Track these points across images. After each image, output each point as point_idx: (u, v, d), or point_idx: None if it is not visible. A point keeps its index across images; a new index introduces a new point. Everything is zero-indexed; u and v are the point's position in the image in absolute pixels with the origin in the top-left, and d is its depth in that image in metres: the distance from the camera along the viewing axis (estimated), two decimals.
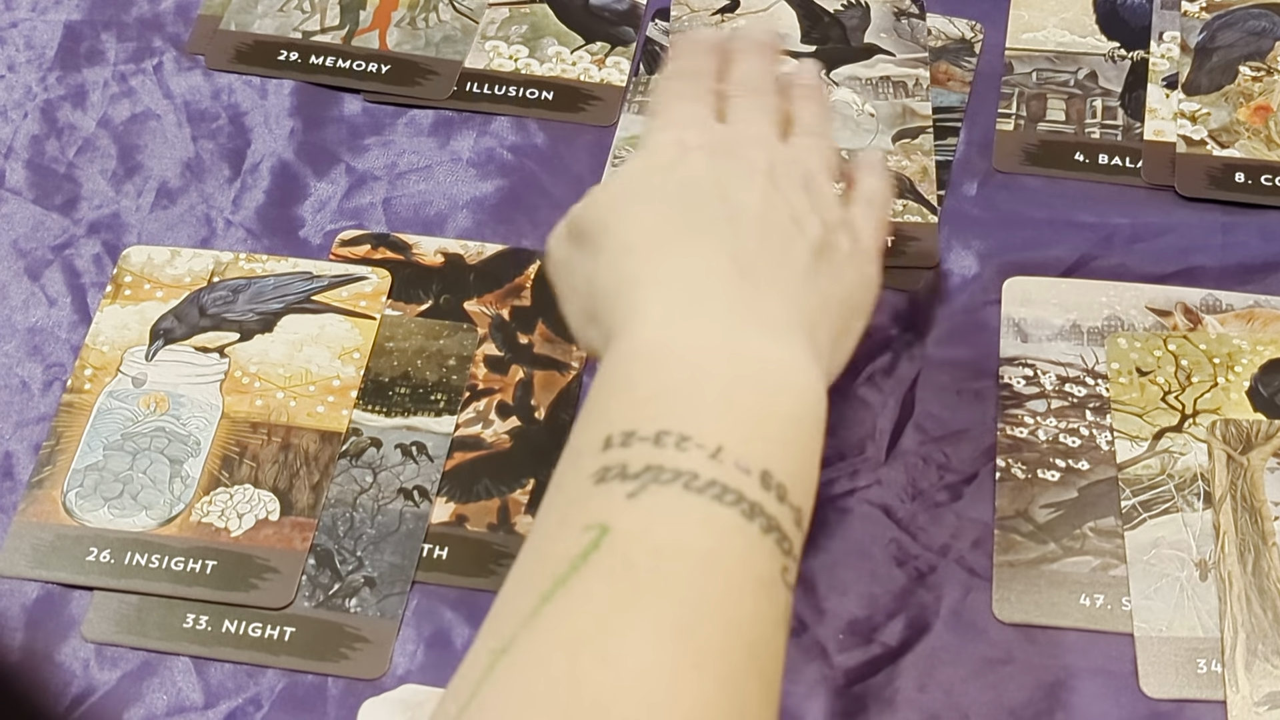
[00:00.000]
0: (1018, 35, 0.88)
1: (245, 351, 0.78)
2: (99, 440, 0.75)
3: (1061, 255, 0.80)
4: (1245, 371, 0.76)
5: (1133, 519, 0.72)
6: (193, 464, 0.75)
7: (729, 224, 0.61)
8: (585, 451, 0.56)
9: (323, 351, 0.78)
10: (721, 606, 0.52)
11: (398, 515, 0.73)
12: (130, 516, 0.73)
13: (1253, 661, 0.68)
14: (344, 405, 0.76)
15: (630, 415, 0.56)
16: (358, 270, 0.80)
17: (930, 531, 0.73)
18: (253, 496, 0.74)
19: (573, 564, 0.52)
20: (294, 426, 0.75)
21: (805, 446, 0.58)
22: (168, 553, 0.72)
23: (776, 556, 0.54)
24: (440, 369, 0.77)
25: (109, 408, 0.76)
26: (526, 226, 0.82)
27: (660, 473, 0.53)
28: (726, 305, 0.59)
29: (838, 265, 0.63)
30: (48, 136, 0.86)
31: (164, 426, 0.76)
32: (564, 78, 0.87)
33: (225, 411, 0.76)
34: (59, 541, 0.73)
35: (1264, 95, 0.85)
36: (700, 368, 0.57)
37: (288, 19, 0.90)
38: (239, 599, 0.71)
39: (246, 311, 0.79)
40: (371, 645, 0.70)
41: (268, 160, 0.85)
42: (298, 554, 0.72)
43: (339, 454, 0.75)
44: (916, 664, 0.69)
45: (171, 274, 0.81)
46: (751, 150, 0.64)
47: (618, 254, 0.61)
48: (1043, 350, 0.77)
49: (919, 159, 0.84)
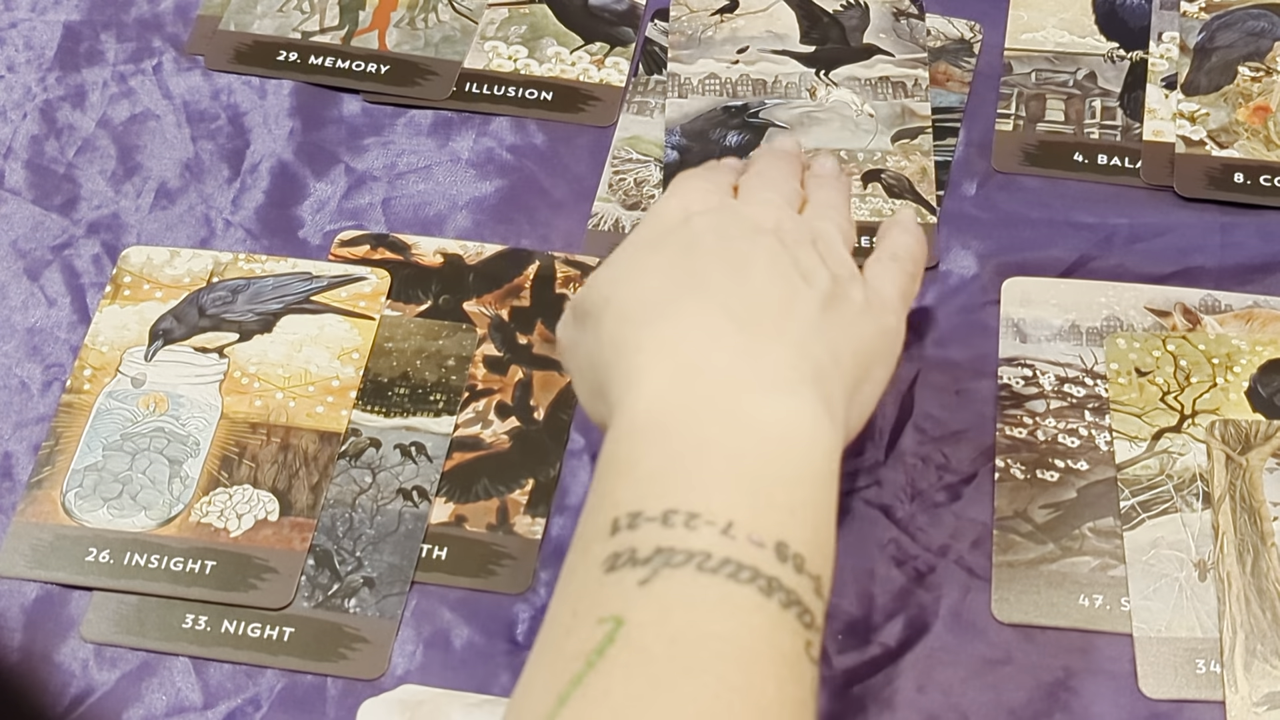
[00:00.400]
0: (1017, 35, 0.88)
1: (244, 352, 0.78)
2: (98, 440, 0.75)
3: (1060, 255, 0.80)
4: (1244, 372, 0.76)
5: (1132, 519, 0.72)
6: (192, 464, 0.75)
7: (730, 278, 0.59)
8: (594, 538, 0.54)
9: (322, 352, 0.78)
10: (745, 693, 0.50)
11: (397, 516, 0.73)
12: (129, 517, 0.73)
13: (1251, 662, 0.68)
14: (343, 405, 0.76)
15: (635, 495, 0.54)
16: (357, 271, 0.80)
17: (929, 532, 0.73)
18: (252, 497, 0.74)
19: (588, 661, 0.50)
20: (293, 427, 0.75)
21: (819, 506, 0.56)
22: (167, 553, 0.72)
23: (799, 632, 0.52)
24: (439, 369, 0.77)
25: (108, 408, 0.76)
26: (526, 227, 0.82)
27: (671, 555, 0.52)
28: (726, 365, 0.57)
29: (850, 317, 0.61)
30: (47, 137, 0.86)
31: (163, 427, 0.76)
32: (563, 78, 0.87)
33: (224, 412, 0.76)
34: (58, 542, 0.73)
35: (1263, 95, 0.85)
36: (703, 438, 0.55)
37: (287, 19, 0.90)
38: (238, 599, 0.71)
39: (246, 312, 0.79)
40: (370, 645, 0.70)
41: (267, 160, 0.85)
42: (297, 554, 0.72)
43: (338, 454, 0.75)
44: (915, 664, 0.69)
45: (171, 274, 0.81)
46: (758, 211, 0.63)
47: (616, 323, 0.59)
48: (1042, 350, 0.77)
49: (918, 159, 0.84)
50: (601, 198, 0.83)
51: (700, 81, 0.87)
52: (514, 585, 0.72)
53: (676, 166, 0.83)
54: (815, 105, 0.86)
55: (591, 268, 0.80)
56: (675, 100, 0.86)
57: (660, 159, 0.84)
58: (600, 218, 0.82)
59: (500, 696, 0.69)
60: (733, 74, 0.87)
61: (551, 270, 0.80)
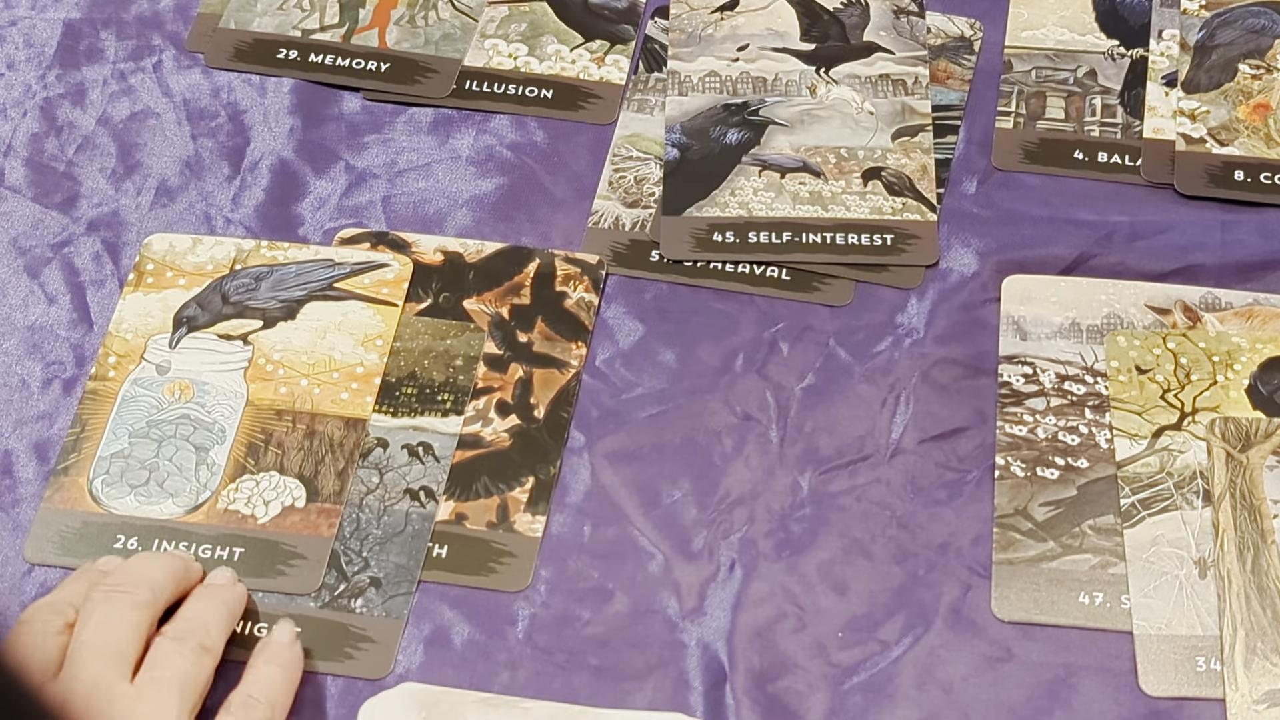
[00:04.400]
0: (1017, 33, 0.88)
1: (269, 339, 0.78)
2: (124, 428, 0.75)
3: (1061, 253, 0.80)
4: (1244, 369, 0.76)
5: (1132, 517, 0.72)
6: (218, 451, 0.75)
7: None
8: None
9: (346, 338, 0.78)
10: None
11: (404, 516, 0.73)
12: (157, 504, 0.73)
13: (1252, 659, 0.68)
14: (368, 392, 0.76)
15: None
16: (379, 257, 0.81)
17: (929, 529, 0.73)
18: (279, 483, 0.74)
19: None
20: (318, 413, 0.76)
21: None
22: (195, 540, 0.72)
23: None
24: (447, 369, 0.77)
25: (133, 395, 0.76)
26: (526, 224, 0.82)
27: None
28: None
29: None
30: (47, 134, 0.86)
31: (189, 414, 0.76)
32: (563, 76, 0.87)
33: (250, 399, 0.76)
34: (86, 529, 0.73)
35: (1263, 93, 0.85)
36: None
37: (287, 17, 0.90)
38: (267, 585, 0.71)
39: (269, 299, 0.79)
40: (377, 645, 0.70)
41: (267, 158, 0.85)
42: (324, 540, 0.72)
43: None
44: (916, 662, 0.70)
45: (194, 261, 0.81)
46: None
47: None
48: (1042, 348, 0.77)
49: (918, 157, 0.84)
50: (602, 195, 0.83)
51: (700, 79, 0.87)
52: (514, 583, 0.72)
53: (676, 164, 0.83)
54: (815, 103, 0.86)
55: (592, 265, 0.80)
56: (675, 98, 0.86)
57: (660, 156, 0.84)
58: (600, 215, 0.82)
59: (509, 696, 0.69)
60: (733, 71, 0.87)
61: (552, 268, 0.80)
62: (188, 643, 0.65)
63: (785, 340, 0.78)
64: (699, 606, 0.71)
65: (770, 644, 0.70)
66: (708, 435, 0.76)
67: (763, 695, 0.69)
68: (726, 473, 0.75)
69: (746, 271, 0.80)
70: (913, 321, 0.79)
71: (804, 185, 0.83)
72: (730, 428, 0.76)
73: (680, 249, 0.81)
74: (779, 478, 0.74)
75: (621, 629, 0.71)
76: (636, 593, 0.72)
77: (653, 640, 0.70)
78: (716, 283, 0.80)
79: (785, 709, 0.68)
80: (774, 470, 0.75)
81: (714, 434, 0.76)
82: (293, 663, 0.68)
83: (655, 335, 0.79)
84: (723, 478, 0.74)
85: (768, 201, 0.82)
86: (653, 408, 0.76)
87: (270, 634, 0.69)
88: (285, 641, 0.68)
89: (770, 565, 0.72)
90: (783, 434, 0.75)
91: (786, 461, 0.75)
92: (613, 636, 0.71)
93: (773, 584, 0.72)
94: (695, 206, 0.82)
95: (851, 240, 0.81)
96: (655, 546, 0.73)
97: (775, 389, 0.77)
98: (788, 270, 0.80)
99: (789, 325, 0.79)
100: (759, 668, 0.69)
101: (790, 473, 0.74)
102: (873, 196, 0.82)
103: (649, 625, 0.71)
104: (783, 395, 0.77)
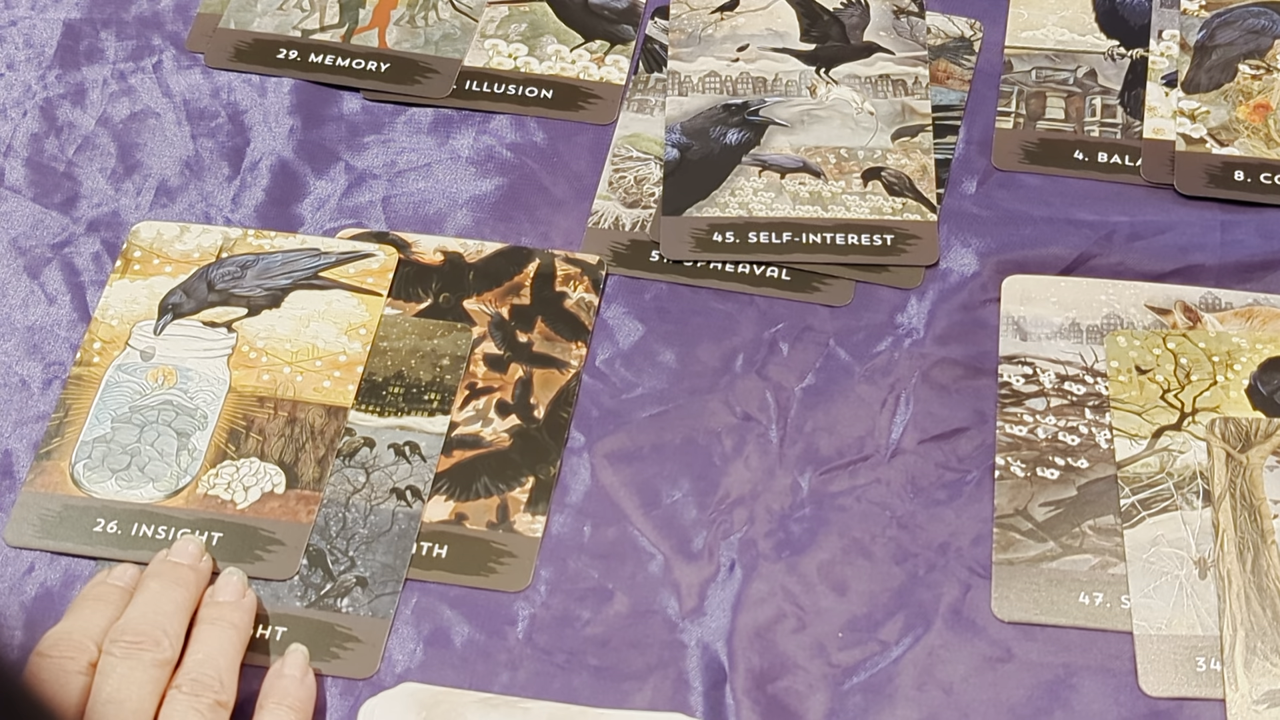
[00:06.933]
0: (1017, 33, 0.88)
1: (253, 326, 0.78)
2: (107, 413, 0.76)
3: (1061, 253, 0.80)
4: (1244, 369, 0.76)
5: (1132, 517, 0.72)
6: (200, 437, 0.75)
7: None
8: None
9: (329, 327, 0.78)
10: None
11: (390, 515, 0.73)
12: (138, 488, 0.73)
13: (1252, 659, 0.68)
14: (350, 380, 0.76)
15: None
16: (364, 247, 0.81)
17: (929, 529, 0.73)
18: (259, 469, 0.74)
19: None
20: (300, 401, 0.76)
21: None
22: (174, 524, 0.72)
23: None
24: (434, 369, 0.77)
25: (117, 380, 0.77)
26: (526, 225, 0.82)
27: None
28: None
29: None
30: (47, 135, 0.86)
31: (172, 400, 0.76)
32: (563, 76, 0.87)
33: (232, 386, 0.76)
34: (66, 512, 0.73)
35: (1263, 93, 0.85)
36: None
37: (287, 17, 0.90)
38: (244, 570, 0.71)
39: (254, 287, 0.79)
40: (363, 645, 0.70)
41: (267, 158, 0.85)
42: (303, 526, 0.72)
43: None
44: (916, 662, 0.70)
45: (180, 249, 0.81)
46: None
47: None
48: (1042, 348, 0.77)
49: (918, 157, 0.84)
50: (602, 195, 0.83)
51: (700, 79, 0.87)
52: (514, 583, 0.72)
53: (676, 164, 0.83)
54: (815, 103, 0.86)
55: (592, 265, 0.80)
56: (675, 98, 0.86)
57: (660, 157, 0.84)
58: (600, 215, 0.82)
59: (509, 696, 0.69)
60: (733, 72, 0.87)
61: (552, 268, 0.80)
62: (203, 698, 0.65)
63: (785, 340, 0.78)
64: (699, 607, 0.71)
65: (770, 644, 0.70)
66: (708, 435, 0.76)
67: (763, 695, 0.69)
68: (726, 473, 0.75)
69: (746, 272, 0.80)
70: (913, 322, 0.79)
71: (804, 185, 0.83)
72: (730, 428, 0.76)
73: (680, 249, 0.81)
74: (779, 478, 0.74)
75: (621, 629, 0.71)
76: (636, 593, 0.72)
77: (653, 640, 0.70)
78: (716, 283, 0.80)
79: (785, 709, 0.68)
80: (774, 470, 0.75)
81: (714, 434, 0.76)
82: (305, 701, 0.68)
83: (655, 335, 0.79)
84: (723, 478, 0.74)
85: (768, 202, 0.82)
86: (653, 408, 0.76)
87: (283, 667, 0.68)
88: (297, 676, 0.68)
89: (770, 565, 0.72)
90: (783, 434, 0.75)
91: (786, 462, 0.75)
92: (613, 636, 0.71)
93: (773, 584, 0.72)
94: (695, 207, 0.82)
95: (851, 240, 0.81)
96: (655, 547, 0.73)
97: (775, 389, 0.77)
98: (788, 270, 0.80)
99: (789, 325, 0.79)
100: (759, 668, 0.69)
101: (790, 473, 0.74)
102: (873, 197, 0.82)
103: (649, 625, 0.71)
104: (783, 395, 0.77)
